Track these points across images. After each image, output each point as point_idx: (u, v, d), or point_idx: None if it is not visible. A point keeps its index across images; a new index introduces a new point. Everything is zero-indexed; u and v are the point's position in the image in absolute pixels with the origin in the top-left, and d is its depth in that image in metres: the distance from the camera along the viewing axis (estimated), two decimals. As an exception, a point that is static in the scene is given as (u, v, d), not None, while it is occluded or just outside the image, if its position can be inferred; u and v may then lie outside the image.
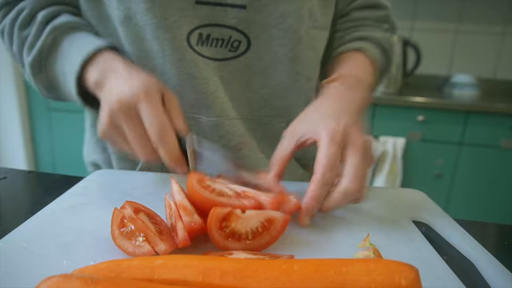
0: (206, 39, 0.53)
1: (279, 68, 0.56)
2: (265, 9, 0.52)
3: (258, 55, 0.55)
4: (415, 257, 0.36)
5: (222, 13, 0.52)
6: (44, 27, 0.52)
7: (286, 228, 0.36)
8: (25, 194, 0.53)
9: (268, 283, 0.26)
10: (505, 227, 0.49)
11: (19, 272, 0.31)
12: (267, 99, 0.58)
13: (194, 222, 0.35)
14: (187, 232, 0.33)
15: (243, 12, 0.52)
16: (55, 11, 0.53)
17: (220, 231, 0.34)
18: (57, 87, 0.55)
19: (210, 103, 0.55)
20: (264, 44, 0.54)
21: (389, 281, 0.25)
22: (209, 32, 0.52)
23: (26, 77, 0.56)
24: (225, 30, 0.52)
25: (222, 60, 0.54)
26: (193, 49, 0.52)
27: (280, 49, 0.55)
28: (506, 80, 2.14)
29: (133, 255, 0.33)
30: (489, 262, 0.36)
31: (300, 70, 0.58)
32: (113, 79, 0.46)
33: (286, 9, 0.53)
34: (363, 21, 0.63)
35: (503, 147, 1.76)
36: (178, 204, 0.36)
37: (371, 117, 1.82)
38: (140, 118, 0.44)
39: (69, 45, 0.51)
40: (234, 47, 0.54)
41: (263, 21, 0.53)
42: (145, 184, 0.50)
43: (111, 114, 0.44)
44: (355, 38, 0.61)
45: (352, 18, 0.64)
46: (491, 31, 2.10)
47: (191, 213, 0.35)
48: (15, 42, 0.53)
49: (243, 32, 0.53)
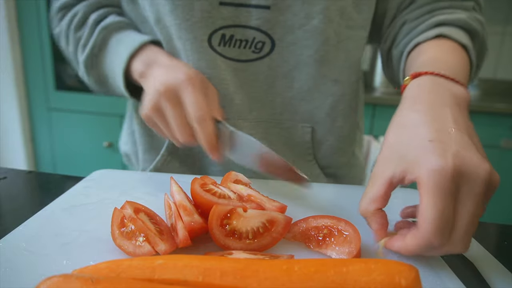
0: (229, 40, 0.53)
1: (304, 71, 0.55)
2: (289, 10, 0.51)
3: (282, 57, 0.54)
4: (415, 257, 0.36)
5: (245, 14, 0.51)
6: (95, 28, 0.56)
7: (287, 230, 0.36)
8: (25, 194, 0.53)
9: (268, 283, 0.26)
10: (505, 227, 0.49)
11: (19, 272, 0.31)
12: (291, 102, 0.57)
13: (194, 222, 0.35)
14: (187, 232, 0.33)
15: (267, 13, 0.51)
16: (105, 13, 0.58)
17: (221, 229, 0.34)
18: (107, 81, 0.58)
19: (227, 104, 0.55)
20: (289, 46, 0.53)
21: (389, 281, 0.25)
22: (233, 33, 0.52)
23: (80, 73, 0.60)
24: (249, 31, 0.52)
25: (245, 61, 0.54)
26: (214, 50, 0.53)
27: (305, 50, 0.53)
28: (506, 80, 2.14)
29: (133, 255, 0.33)
30: (489, 262, 0.36)
31: (327, 72, 0.56)
32: (157, 69, 0.49)
33: (311, 10, 0.51)
34: (438, 4, 0.52)
35: (503, 147, 1.76)
36: (178, 204, 0.36)
37: (371, 117, 1.81)
38: (182, 104, 0.46)
39: (116, 42, 0.55)
40: (258, 48, 0.53)
41: (287, 22, 0.52)
42: (145, 184, 0.50)
43: (155, 98, 0.47)
44: (432, 25, 0.50)
45: (422, 2, 0.53)
46: (491, 31, 2.08)
47: (191, 213, 0.35)
48: (71, 43, 0.58)
49: (267, 33, 0.52)
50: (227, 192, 0.40)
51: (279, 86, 0.56)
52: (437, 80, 0.38)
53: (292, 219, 0.37)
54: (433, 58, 0.44)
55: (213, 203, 0.36)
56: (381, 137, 1.86)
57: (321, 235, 0.36)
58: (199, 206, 0.38)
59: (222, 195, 0.39)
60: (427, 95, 0.37)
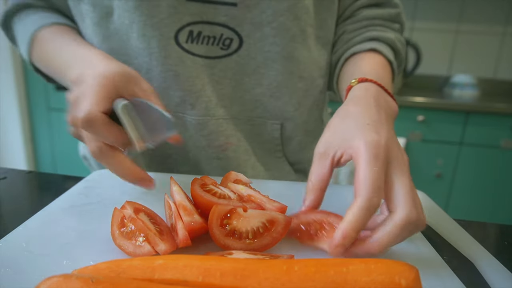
0: (197, 36, 0.52)
1: (272, 67, 0.55)
2: (257, 7, 0.51)
3: (250, 54, 0.54)
4: (415, 257, 0.36)
5: (212, 10, 0.51)
6: None
7: (287, 230, 0.36)
8: (25, 194, 0.53)
9: (268, 283, 0.26)
10: (505, 227, 0.49)
11: (19, 272, 0.31)
12: (260, 99, 0.57)
13: (194, 222, 0.35)
14: (187, 232, 0.33)
15: (235, 10, 0.51)
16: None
17: (221, 229, 0.34)
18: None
19: (194, 101, 0.55)
20: (257, 43, 0.53)
21: (389, 281, 0.25)
22: (200, 29, 0.52)
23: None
24: (216, 27, 0.52)
25: (213, 58, 0.54)
26: (181, 47, 0.52)
27: (273, 47, 0.54)
28: (506, 80, 2.14)
29: (133, 255, 0.33)
30: (489, 262, 0.36)
31: (294, 69, 0.57)
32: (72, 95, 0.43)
33: (279, 7, 0.52)
34: (373, 21, 0.60)
35: (503, 147, 1.76)
36: (178, 204, 0.36)
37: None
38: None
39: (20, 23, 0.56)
40: (225, 45, 0.53)
41: (255, 19, 0.52)
42: (145, 184, 0.50)
43: (73, 132, 0.45)
44: (367, 39, 0.58)
45: (361, 17, 0.60)
46: (491, 31, 2.10)
47: (191, 213, 0.35)
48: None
49: (235, 29, 0.52)
50: (227, 192, 0.40)
51: (247, 83, 0.56)
52: (379, 89, 0.44)
53: (292, 220, 0.37)
54: (374, 70, 0.50)
55: (213, 203, 0.36)
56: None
57: (313, 229, 0.37)
58: (199, 206, 0.38)
59: (222, 195, 0.39)
60: (370, 98, 0.42)
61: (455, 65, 2.19)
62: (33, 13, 0.57)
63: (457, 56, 2.17)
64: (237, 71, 0.55)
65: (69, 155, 2.25)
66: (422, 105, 1.76)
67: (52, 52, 0.52)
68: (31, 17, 0.56)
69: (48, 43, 0.53)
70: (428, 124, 1.79)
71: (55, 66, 0.51)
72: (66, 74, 0.47)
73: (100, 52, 0.47)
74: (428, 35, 2.15)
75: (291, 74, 0.57)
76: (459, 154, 1.81)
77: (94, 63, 0.44)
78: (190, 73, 0.53)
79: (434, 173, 1.85)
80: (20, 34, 0.57)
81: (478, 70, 2.14)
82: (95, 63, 0.44)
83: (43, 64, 0.55)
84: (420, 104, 1.76)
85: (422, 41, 2.07)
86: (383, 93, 0.44)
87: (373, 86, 0.44)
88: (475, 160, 1.81)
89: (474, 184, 1.85)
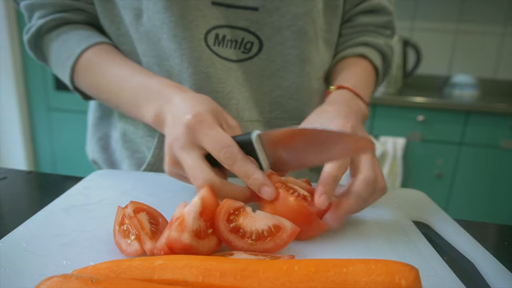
0: (222, 40, 0.53)
1: (291, 70, 0.57)
2: (277, 11, 0.53)
3: (270, 57, 0.55)
4: (415, 257, 0.36)
5: (235, 15, 0.52)
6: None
7: (292, 239, 0.35)
8: (25, 194, 0.53)
9: (268, 283, 0.26)
10: (505, 227, 0.49)
11: (19, 272, 0.31)
12: (279, 101, 0.58)
13: (177, 240, 0.31)
14: (166, 245, 0.31)
15: (255, 14, 0.52)
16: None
17: (227, 223, 0.34)
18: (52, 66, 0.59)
19: (226, 103, 0.55)
20: (276, 46, 0.55)
21: (389, 281, 0.25)
22: (225, 33, 0.53)
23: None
24: (238, 31, 0.53)
25: (236, 61, 0.55)
26: (210, 49, 0.53)
27: (292, 50, 0.55)
28: (506, 80, 2.14)
29: (125, 253, 0.33)
30: (489, 262, 0.36)
31: (310, 71, 0.58)
32: (167, 115, 0.44)
33: (297, 11, 0.53)
34: (367, 27, 0.64)
35: (503, 147, 1.76)
36: (179, 216, 0.33)
37: (371, 117, 1.82)
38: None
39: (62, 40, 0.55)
40: (246, 49, 0.54)
41: (275, 23, 0.53)
42: (145, 184, 0.50)
43: (168, 152, 0.42)
44: (358, 44, 0.62)
45: (356, 23, 0.63)
46: (491, 31, 2.10)
47: (183, 230, 0.32)
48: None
49: (255, 33, 0.53)
50: (302, 192, 0.40)
51: (267, 85, 0.57)
52: (353, 95, 0.52)
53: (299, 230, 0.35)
54: (357, 76, 0.57)
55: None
56: (381, 136, 1.87)
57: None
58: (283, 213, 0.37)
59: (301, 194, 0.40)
60: (343, 101, 0.50)
61: (455, 65, 2.19)
62: (70, 31, 0.55)
63: (457, 56, 2.18)
64: (257, 74, 0.56)
65: (69, 155, 2.26)
66: (422, 105, 1.76)
67: (107, 81, 0.52)
68: (70, 36, 0.55)
69: (98, 69, 0.53)
70: (428, 124, 1.79)
71: (119, 100, 0.52)
72: (139, 111, 0.49)
73: (172, 83, 0.48)
74: (428, 35, 2.15)
75: (308, 76, 0.58)
76: (459, 154, 1.81)
77: (175, 101, 0.44)
78: (220, 75, 0.54)
79: (434, 173, 1.85)
80: (56, 54, 0.56)
81: (478, 70, 2.14)
82: (176, 101, 0.44)
83: (94, 92, 0.55)
84: (420, 104, 1.76)
85: (422, 41, 2.07)
86: (355, 99, 0.51)
87: (348, 93, 0.52)
88: (475, 160, 1.81)
89: (474, 184, 1.85)
